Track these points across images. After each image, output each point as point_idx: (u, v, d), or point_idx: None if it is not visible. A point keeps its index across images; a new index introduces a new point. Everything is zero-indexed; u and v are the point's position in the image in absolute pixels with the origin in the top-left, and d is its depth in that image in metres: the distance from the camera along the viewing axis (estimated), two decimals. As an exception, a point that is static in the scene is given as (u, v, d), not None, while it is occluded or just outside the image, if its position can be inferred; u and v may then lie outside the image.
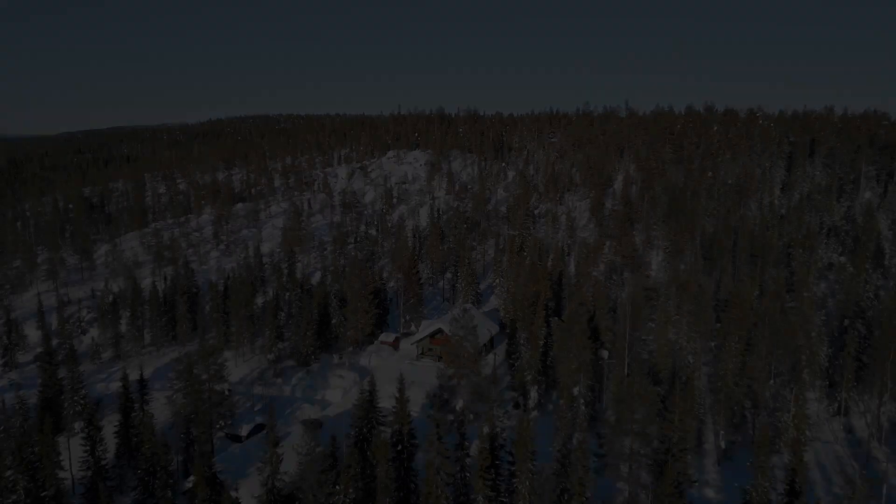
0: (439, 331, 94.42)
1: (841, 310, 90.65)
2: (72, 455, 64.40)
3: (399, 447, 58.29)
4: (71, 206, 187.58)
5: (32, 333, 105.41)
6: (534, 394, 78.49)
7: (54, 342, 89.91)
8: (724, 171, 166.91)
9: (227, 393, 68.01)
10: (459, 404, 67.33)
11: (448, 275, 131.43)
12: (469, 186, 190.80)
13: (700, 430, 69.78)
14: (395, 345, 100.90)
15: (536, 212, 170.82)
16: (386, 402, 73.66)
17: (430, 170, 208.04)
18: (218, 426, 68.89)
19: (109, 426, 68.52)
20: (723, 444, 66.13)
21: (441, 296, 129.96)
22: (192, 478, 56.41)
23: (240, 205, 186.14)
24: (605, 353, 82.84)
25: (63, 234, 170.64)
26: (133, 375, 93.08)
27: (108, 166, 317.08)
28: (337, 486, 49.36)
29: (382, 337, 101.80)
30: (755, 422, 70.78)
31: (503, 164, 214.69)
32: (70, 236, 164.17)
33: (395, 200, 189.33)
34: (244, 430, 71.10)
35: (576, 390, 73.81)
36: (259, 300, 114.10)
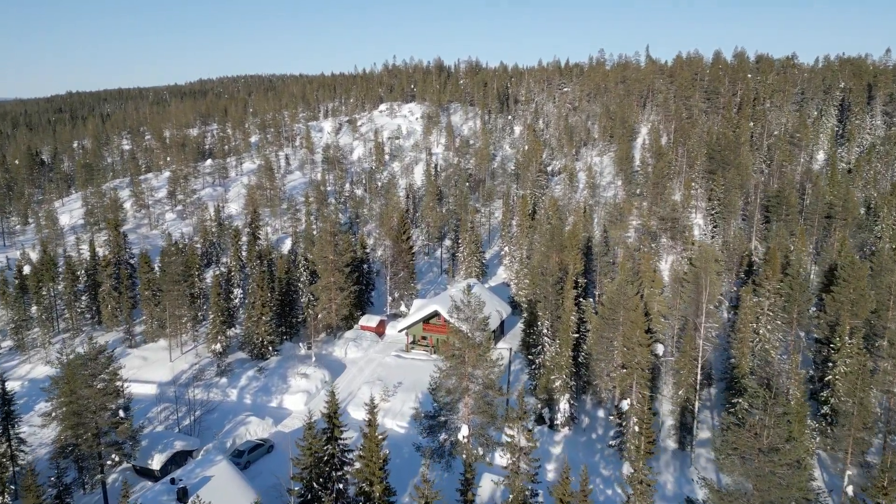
0: (435, 314, 72.88)
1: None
2: None
3: (369, 512, 37.27)
4: (17, 162, 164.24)
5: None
6: (564, 404, 57.26)
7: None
8: (770, 120, 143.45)
9: (121, 415, 46.77)
10: (463, 431, 46.14)
11: (447, 242, 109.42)
12: (471, 141, 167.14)
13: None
14: (379, 330, 79.47)
15: (549, 169, 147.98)
16: (361, 412, 53.02)
17: (427, 123, 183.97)
18: (109, 462, 47.71)
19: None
20: (850, 490, 45.10)
21: (439, 267, 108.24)
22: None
23: (208, 161, 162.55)
24: (659, 348, 61.47)
25: (5, 195, 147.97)
26: (36, 372, 72.88)
27: (80, 124, 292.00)
28: None
29: (363, 320, 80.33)
30: (885, 451, 49.86)
31: (509, 118, 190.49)
32: (10, 197, 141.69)
33: (386, 157, 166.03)
34: (156, 462, 50.01)
35: (625, 404, 52.76)
36: (212, 273, 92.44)
